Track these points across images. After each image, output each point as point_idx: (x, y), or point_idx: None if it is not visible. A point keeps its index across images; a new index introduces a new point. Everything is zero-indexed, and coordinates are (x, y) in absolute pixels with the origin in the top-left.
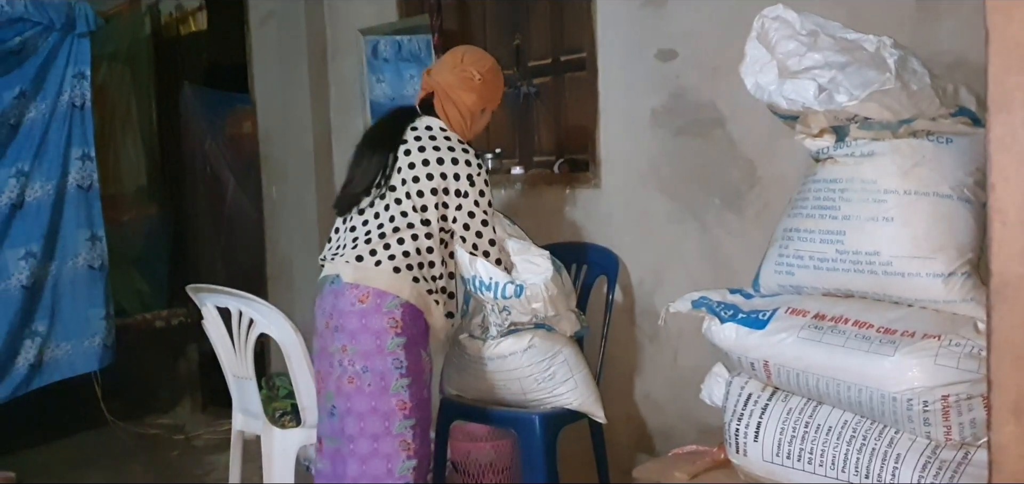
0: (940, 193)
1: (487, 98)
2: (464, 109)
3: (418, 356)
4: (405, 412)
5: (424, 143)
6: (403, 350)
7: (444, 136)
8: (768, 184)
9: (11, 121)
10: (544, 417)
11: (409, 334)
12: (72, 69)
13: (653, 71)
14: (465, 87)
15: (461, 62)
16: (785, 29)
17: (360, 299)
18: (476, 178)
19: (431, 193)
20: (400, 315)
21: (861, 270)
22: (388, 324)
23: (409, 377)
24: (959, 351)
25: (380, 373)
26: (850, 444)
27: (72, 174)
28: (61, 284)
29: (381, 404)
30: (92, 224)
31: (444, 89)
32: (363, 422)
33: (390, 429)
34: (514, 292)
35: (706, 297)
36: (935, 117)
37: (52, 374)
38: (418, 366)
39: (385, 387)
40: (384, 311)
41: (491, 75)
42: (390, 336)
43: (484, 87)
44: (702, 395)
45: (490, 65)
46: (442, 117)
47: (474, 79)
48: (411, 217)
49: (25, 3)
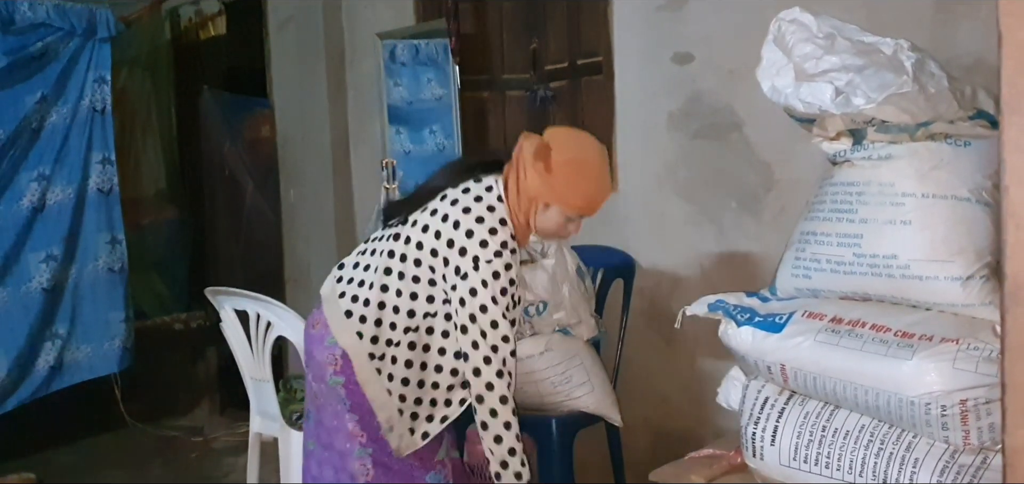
0: (958, 196)
1: (560, 196)
2: (523, 190)
3: (363, 397)
4: (361, 441)
5: (458, 199)
6: (344, 389)
7: (486, 206)
8: (785, 187)
9: (33, 125)
10: (561, 420)
11: (349, 376)
12: (93, 74)
13: (669, 74)
14: (534, 166)
15: (554, 136)
16: (802, 32)
17: (313, 324)
18: (500, 298)
19: (431, 254)
20: (339, 355)
21: (879, 273)
22: (328, 359)
23: (357, 413)
24: (978, 355)
25: (332, 400)
26: (868, 448)
27: (92, 178)
28: (81, 287)
29: (341, 424)
30: (112, 227)
31: (520, 154)
32: (331, 436)
33: (352, 451)
34: (536, 311)
35: (723, 300)
36: (953, 120)
37: (72, 376)
38: (366, 405)
39: (339, 413)
40: (326, 345)
41: (570, 168)
42: (330, 372)
43: (555, 180)
44: (719, 398)
45: (586, 158)
46: (505, 187)
47: (548, 159)
48: (406, 273)
49: (47, 8)
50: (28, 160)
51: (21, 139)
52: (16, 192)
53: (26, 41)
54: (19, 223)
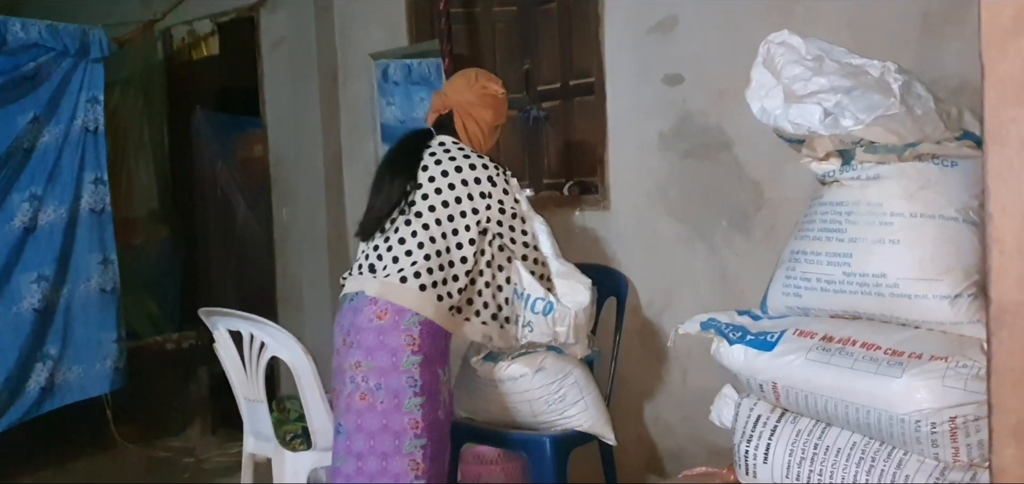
0: (946, 215)
1: (502, 115)
2: (484, 125)
3: (435, 375)
4: (417, 431)
5: (441, 159)
6: (418, 368)
7: (460, 150)
8: (775, 206)
9: (25, 145)
10: (555, 439)
11: (426, 352)
12: (85, 94)
13: (660, 95)
14: (484, 103)
15: (476, 80)
16: (791, 54)
17: (379, 315)
18: (497, 178)
19: (455, 201)
20: (418, 332)
21: (868, 292)
22: (405, 341)
23: (423, 396)
24: (966, 372)
25: (394, 391)
26: (859, 465)
27: (85, 198)
28: (73, 307)
29: (393, 422)
30: (104, 247)
31: (464, 107)
32: (373, 440)
33: (400, 448)
34: (543, 309)
35: (715, 318)
36: (940, 140)
37: (64, 397)
38: (434, 385)
39: (398, 405)
40: (402, 328)
41: (503, 93)
42: (406, 353)
43: (498, 103)
44: (712, 416)
45: (501, 83)
46: (461, 134)
47: (497, 95)
48: (435, 233)
49: (40, 29)
50: (20, 180)
51: (13, 159)
52: (8, 212)
53: (18, 61)
54: (10, 243)
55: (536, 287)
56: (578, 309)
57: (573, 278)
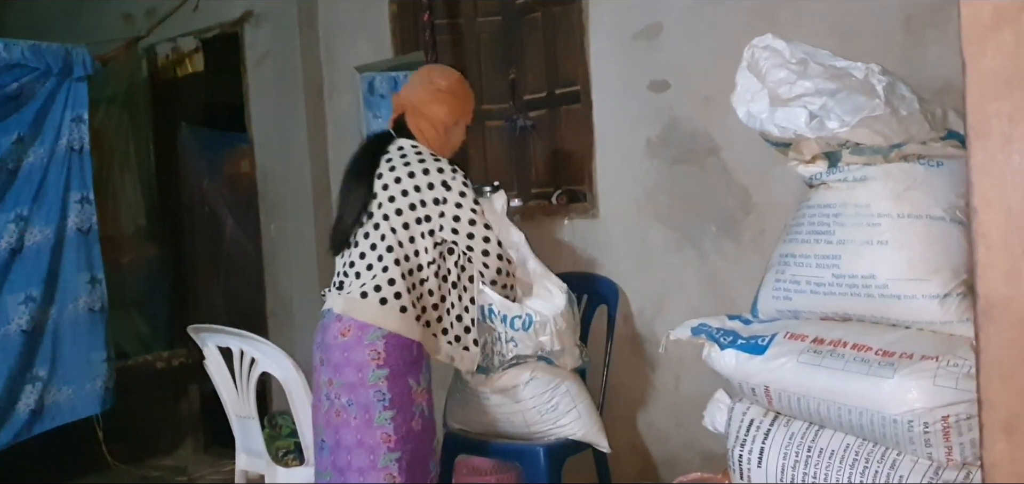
0: (933, 215)
1: (458, 110)
2: (437, 122)
3: (405, 387)
4: (390, 445)
5: (395, 164)
6: (386, 382)
7: (416, 153)
8: (763, 210)
9: (9, 166)
10: (548, 448)
11: (392, 366)
12: (70, 113)
13: (647, 102)
14: (434, 100)
15: (428, 77)
16: (775, 58)
17: (342, 333)
18: (452, 182)
19: (409, 208)
20: (383, 346)
21: (858, 293)
22: (370, 356)
23: (393, 409)
24: (957, 371)
25: (364, 406)
26: (853, 467)
27: (71, 218)
28: (61, 328)
29: (366, 437)
30: (92, 267)
31: (414, 106)
32: (350, 455)
33: (375, 463)
34: (523, 324)
35: (705, 324)
36: (925, 141)
37: (53, 419)
38: (405, 397)
39: (369, 420)
40: (366, 343)
41: (459, 86)
42: (371, 368)
43: (453, 98)
44: (705, 422)
45: (457, 77)
46: (417, 135)
47: (441, 90)
48: (393, 243)
49: (22, 49)
50: (5, 201)
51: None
52: None
53: (2, 82)
54: None
55: (509, 306)
56: (555, 314)
57: (547, 279)
